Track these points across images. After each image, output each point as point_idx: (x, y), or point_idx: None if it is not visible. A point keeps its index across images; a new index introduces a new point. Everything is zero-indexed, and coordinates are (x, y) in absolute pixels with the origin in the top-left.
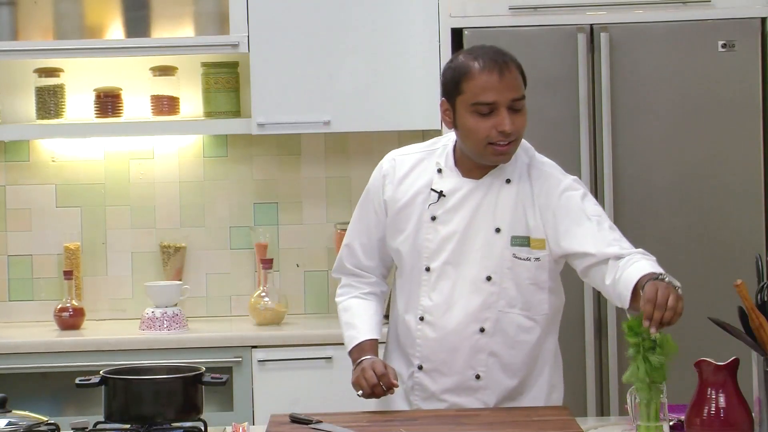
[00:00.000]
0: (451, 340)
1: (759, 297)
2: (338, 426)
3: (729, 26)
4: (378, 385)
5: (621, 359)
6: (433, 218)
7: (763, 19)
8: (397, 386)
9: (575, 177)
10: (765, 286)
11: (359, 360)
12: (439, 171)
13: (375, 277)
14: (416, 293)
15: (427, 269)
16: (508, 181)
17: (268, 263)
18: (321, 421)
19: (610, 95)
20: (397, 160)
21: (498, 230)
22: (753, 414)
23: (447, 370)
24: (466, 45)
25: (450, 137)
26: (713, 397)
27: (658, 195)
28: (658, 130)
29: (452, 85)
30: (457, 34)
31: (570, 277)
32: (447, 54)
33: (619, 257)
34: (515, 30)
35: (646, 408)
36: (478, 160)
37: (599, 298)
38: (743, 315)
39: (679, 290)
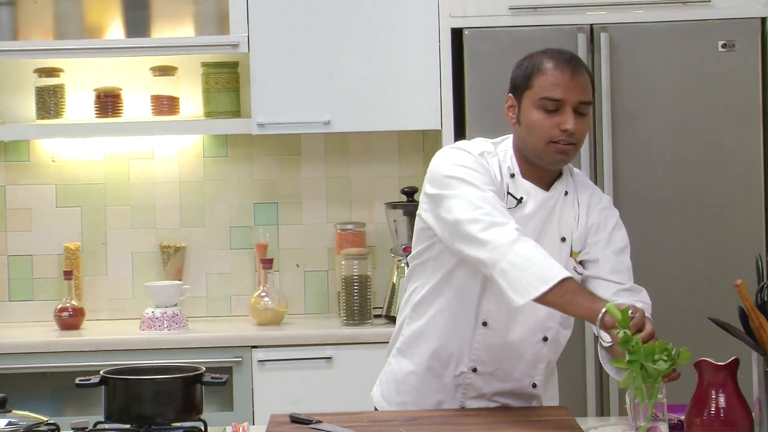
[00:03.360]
0: (515, 347)
1: (759, 297)
2: (338, 426)
3: (729, 26)
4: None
5: None
6: None
7: (763, 19)
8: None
9: (609, 197)
10: (765, 286)
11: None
12: (512, 176)
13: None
14: (475, 295)
15: None
16: (566, 193)
17: (268, 263)
18: (321, 421)
19: (610, 95)
20: (485, 156)
21: (563, 239)
22: (753, 414)
23: (504, 376)
24: (466, 45)
25: (507, 142)
26: (713, 397)
27: (658, 195)
28: (658, 129)
29: (522, 79)
30: (457, 34)
31: None
32: (447, 54)
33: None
34: (515, 30)
35: (645, 408)
36: (537, 159)
37: None
38: (743, 315)
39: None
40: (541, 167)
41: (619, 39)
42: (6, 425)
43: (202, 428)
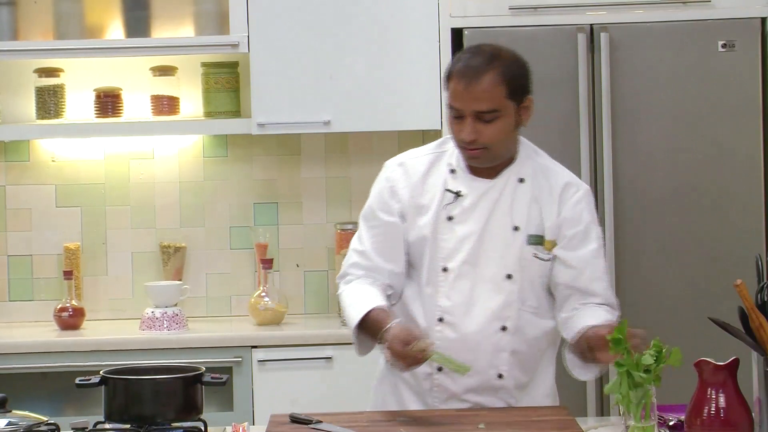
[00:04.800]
0: (473, 340)
1: (759, 297)
2: (338, 426)
3: (729, 26)
4: (410, 354)
5: None
6: (450, 218)
7: (763, 19)
8: (431, 345)
9: (588, 187)
10: (765, 286)
11: (385, 328)
12: (452, 171)
13: (386, 281)
14: (433, 294)
15: (444, 269)
16: (521, 180)
17: (268, 263)
18: (321, 421)
19: (610, 95)
20: (407, 164)
21: (516, 228)
22: (753, 414)
23: None
24: (466, 45)
25: None
26: (713, 397)
27: (658, 195)
28: (658, 129)
29: (445, 76)
30: (457, 34)
31: None
32: (447, 54)
33: (595, 291)
34: (515, 30)
35: (635, 408)
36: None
37: None
38: (743, 315)
39: None
40: None
41: (619, 39)
42: (6, 425)
43: (202, 428)
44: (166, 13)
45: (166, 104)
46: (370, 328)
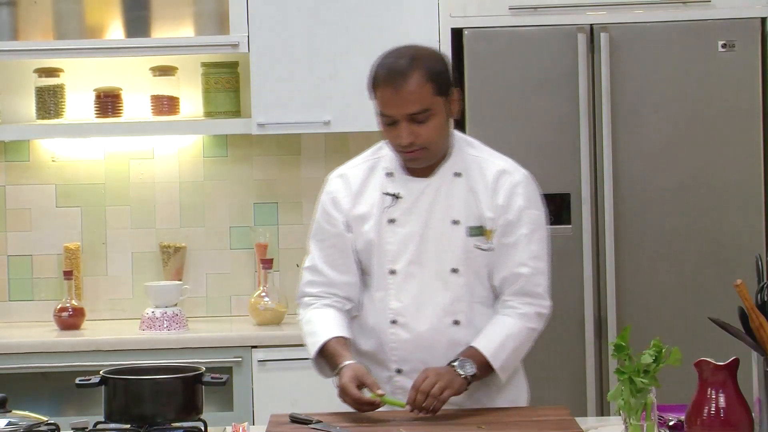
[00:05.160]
0: (427, 337)
1: (759, 297)
2: (338, 426)
3: (729, 26)
4: (363, 402)
5: None
6: (391, 221)
7: (763, 19)
8: (382, 395)
9: (527, 172)
10: (765, 286)
11: (338, 368)
12: (389, 174)
13: (342, 294)
14: (383, 298)
15: (392, 272)
16: (457, 174)
17: (268, 263)
18: (321, 421)
19: (610, 95)
20: (346, 174)
21: (455, 222)
22: (753, 414)
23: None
24: (466, 45)
25: None
26: (713, 397)
27: (658, 194)
28: (658, 129)
29: (369, 86)
30: (457, 34)
31: (570, 277)
32: (447, 54)
33: (517, 277)
34: (515, 30)
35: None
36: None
37: (599, 298)
38: (743, 315)
39: (465, 377)
40: None
41: (619, 39)
42: (6, 425)
43: (202, 428)
44: (166, 13)
45: (166, 104)
46: (327, 359)
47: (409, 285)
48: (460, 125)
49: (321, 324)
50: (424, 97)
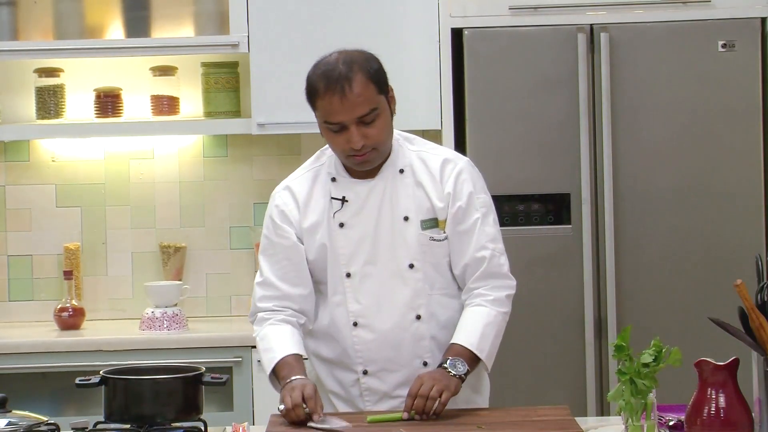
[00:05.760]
0: (392, 335)
1: (759, 297)
2: (338, 425)
3: (729, 26)
4: (300, 407)
5: None
6: (341, 225)
7: (763, 19)
8: (320, 417)
9: (468, 159)
10: (765, 286)
11: (289, 379)
12: (333, 180)
13: (296, 307)
14: (341, 302)
15: (348, 275)
16: (401, 171)
17: None
18: (322, 418)
19: (610, 95)
20: (291, 187)
21: (406, 218)
22: (753, 414)
23: (393, 366)
24: (466, 45)
25: None
26: (713, 397)
27: (658, 194)
28: (658, 130)
29: (307, 96)
30: (457, 34)
31: (570, 277)
32: (447, 54)
33: (480, 261)
34: (515, 30)
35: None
36: (350, 166)
37: (599, 298)
38: (743, 315)
39: (459, 376)
40: None
41: (619, 39)
42: (6, 425)
43: (202, 428)
44: (166, 13)
45: (166, 104)
46: (279, 377)
47: (367, 285)
48: (460, 125)
49: (276, 340)
50: (370, 98)
